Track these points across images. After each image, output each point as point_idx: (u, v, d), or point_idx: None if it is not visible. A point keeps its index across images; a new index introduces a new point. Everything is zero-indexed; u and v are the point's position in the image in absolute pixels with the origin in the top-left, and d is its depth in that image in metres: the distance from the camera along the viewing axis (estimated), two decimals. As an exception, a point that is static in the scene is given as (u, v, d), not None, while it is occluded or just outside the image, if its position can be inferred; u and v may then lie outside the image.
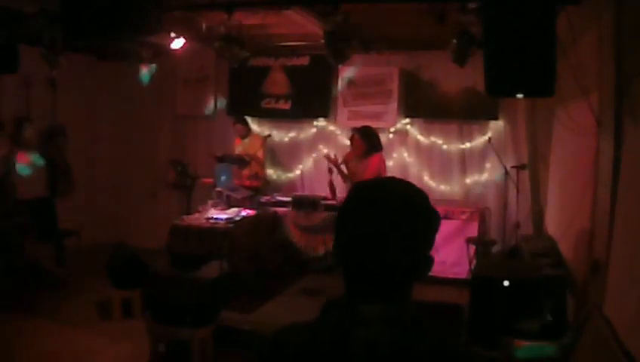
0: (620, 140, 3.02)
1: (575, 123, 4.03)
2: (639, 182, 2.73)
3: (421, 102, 6.62)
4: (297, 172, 7.29)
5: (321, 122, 7.15)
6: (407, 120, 6.78)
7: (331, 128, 7.12)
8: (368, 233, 1.03)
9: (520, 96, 3.68)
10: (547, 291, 3.74)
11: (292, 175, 7.33)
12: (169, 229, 5.52)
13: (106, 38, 3.67)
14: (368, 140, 5.16)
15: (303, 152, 7.24)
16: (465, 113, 6.43)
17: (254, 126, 7.33)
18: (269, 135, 6.92)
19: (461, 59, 4.77)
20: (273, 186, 7.22)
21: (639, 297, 2.54)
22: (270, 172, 7.33)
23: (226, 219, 5.58)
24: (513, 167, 5.95)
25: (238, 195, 6.12)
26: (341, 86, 6.94)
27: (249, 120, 7.08)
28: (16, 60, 4.31)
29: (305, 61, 7.04)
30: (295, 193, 6.78)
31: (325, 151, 6.10)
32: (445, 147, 6.68)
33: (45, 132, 6.81)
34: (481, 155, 6.55)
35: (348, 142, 6.98)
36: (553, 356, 3.30)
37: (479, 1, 3.68)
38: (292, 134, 7.29)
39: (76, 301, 5.32)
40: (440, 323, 3.54)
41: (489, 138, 6.34)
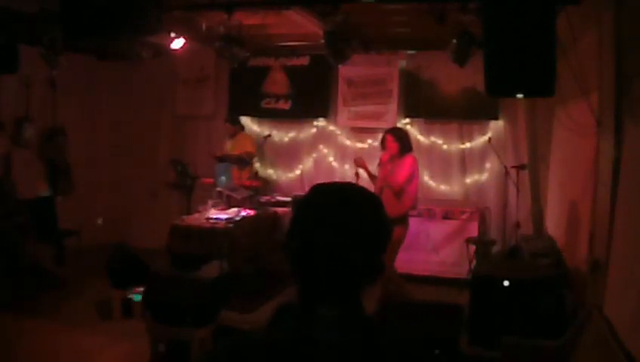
0: (620, 140, 3.03)
1: (575, 123, 4.04)
2: (639, 182, 2.73)
3: (421, 102, 6.61)
4: (297, 172, 7.29)
5: (321, 122, 7.15)
6: (407, 120, 6.77)
7: (331, 128, 7.12)
8: (325, 235, 1.03)
9: (520, 96, 3.69)
10: (547, 291, 3.74)
11: (292, 175, 7.33)
12: (169, 229, 5.51)
13: (106, 38, 3.68)
14: (401, 141, 5.13)
15: (303, 152, 7.23)
16: (465, 113, 6.43)
17: (254, 126, 7.33)
18: (269, 135, 6.92)
19: (461, 59, 4.77)
20: (273, 186, 7.23)
21: (639, 297, 2.55)
22: (270, 172, 7.33)
23: (226, 219, 5.58)
24: (513, 167, 5.95)
25: (238, 195, 6.11)
26: (341, 86, 6.93)
27: (248, 120, 7.07)
28: (16, 60, 4.31)
29: (305, 61, 7.04)
30: (295, 193, 6.78)
31: (356, 156, 5.60)
32: (445, 147, 6.68)
33: (45, 132, 6.80)
34: (481, 155, 6.55)
35: (348, 142, 7.03)
36: (553, 356, 3.30)
37: (479, 1, 3.68)
38: (292, 134, 7.29)
39: (76, 301, 5.31)
40: (440, 323, 3.56)
41: (489, 138, 6.34)
